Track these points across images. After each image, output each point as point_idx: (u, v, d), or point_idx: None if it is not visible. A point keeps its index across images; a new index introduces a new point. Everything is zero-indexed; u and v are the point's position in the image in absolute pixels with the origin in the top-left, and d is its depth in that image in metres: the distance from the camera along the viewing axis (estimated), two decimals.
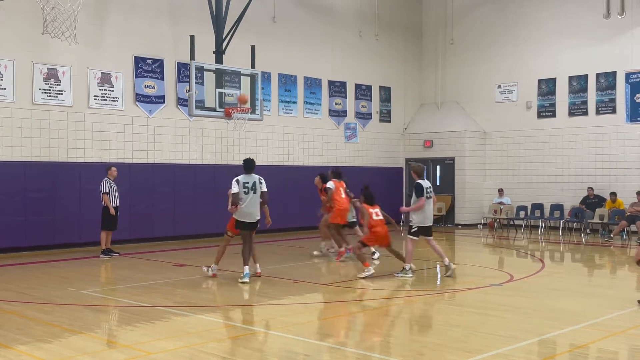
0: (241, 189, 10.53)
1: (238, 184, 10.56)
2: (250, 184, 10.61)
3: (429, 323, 8.11)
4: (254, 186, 10.63)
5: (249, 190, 10.58)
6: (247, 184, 10.59)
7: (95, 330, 7.57)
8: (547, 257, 14.85)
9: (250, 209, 10.63)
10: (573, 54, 20.07)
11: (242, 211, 10.58)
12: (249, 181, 10.61)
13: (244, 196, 10.55)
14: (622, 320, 7.98)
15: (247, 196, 10.56)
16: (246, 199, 10.56)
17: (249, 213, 10.64)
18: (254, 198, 10.63)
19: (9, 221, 14.12)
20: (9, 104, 14.30)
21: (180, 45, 16.42)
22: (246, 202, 10.56)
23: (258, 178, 10.71)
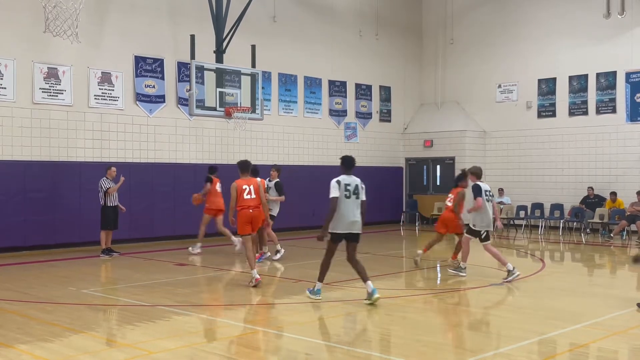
0: (342, 192, 8.86)
1: (339, 186, 8.84)
2: (352, 187, 8.91)
3: (430, 322, 8.11)
4: (356, 190, 8.93)
5: (350, 194, 8.87)
6: (349, 186, 8.88)
7: (96, 330, 7.57)
8: (547, 257, 14.85)
9: (350, 217, 8.86)
10: (573, 54, 20.07)
11: (338, 220, 8.84)
12: (350, 183, 8.90)
13: (343, 201, 8.81)
14: (622, 320, 7.98)
15: (348, 201, 8.83)
16: (345, 205, 8.82)
17: (349, 222, 8.86)
18: (355, 204, 8.91)
19: (9, 221, 14.12)
20: (9, 104, 14.30)
21: (181, 45, 16.43)
22: (344, 209, 8.82)
23: (360, 181, 9.08)
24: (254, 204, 10.40)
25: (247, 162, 10.68)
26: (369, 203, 9.14)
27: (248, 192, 10.37)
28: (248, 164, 10.67)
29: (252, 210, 10.38)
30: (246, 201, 10.34)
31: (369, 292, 8.72)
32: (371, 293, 8.69)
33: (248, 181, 10.50)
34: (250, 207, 10.36)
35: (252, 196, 10.39)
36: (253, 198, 10.39)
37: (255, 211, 10.43)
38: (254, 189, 10.44)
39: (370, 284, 8.76)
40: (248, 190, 10.39)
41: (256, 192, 10.44)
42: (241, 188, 10.36)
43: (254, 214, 10.41)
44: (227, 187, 11.08)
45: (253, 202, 10.39)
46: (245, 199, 10.35)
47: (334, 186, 8.80)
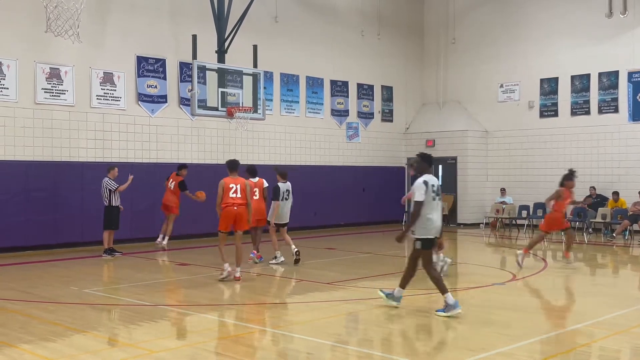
0: (429, 194, 8.02)
1: (427, 187, 8.02)
2: (437, 188, 8.14)
3: (432, 322, 8.10)
4: (439, 191, 8.22)
5: (436, 196, 8.07)
6: (434, 187, 8.06)
7: (97, 329, 7.57)
8: (549, 257, 14.83)
9: (438, 221, 8.11)
10: (575, 54, 20.05)
11: (426, 224, 8.02)
12: (435, 184, 8.10)
13: (429, 203, 7.99)
14: (624, 319, 7.98)
15: (434, 203, 8.04)
16: (432, 208, 8.01)
17: (438, 227, 8.13)
18: (440, 206, 8.23)
19: (11, 220, 14.14)
20: (11, 104, 14.32)
21: (183, 45, 16.43)
22: (433, 213, 8.02)
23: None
24: (239, 202, 10.66)
25: (236, 162, 10.94)
26: (370, 203, 9.15)
27: (234, 191, 10.67)
28: (236, 163, 10.92)
29: (237, 208, 10.65)
30: (231, 199, 10.64)
31: (450, 304, 7.88)
32: (453, 305, 7.86)
33: (235, 180, 10.77)
34: (234, 205, 10.64)
35: (238, 195, 10.68)
36: (238, 197, 10.67)
37: (239, 209, 10.68)
38: (241, 188, 10.72)
39: (449, 295, 7.95)
40: (234, 189, 10.68)
41: (242, 191, 10.73)
42: (228, 186, 10.66)
43: (238, 212, 10.66)
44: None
45: (239, 200, 10.66)
46: (231, 197, 10.65)
47: (421, 187, 7.95)
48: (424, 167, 8.22)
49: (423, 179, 8.04)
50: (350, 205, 20.58)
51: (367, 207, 21.07)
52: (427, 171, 8.18)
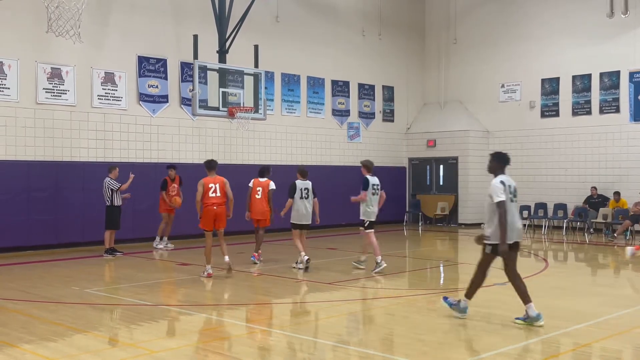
0: (507, 196, 7.52)
1: (504, 187, 7.54)
2: (513, 189, 7.68)
3: (433, 322, 8.10)
4: (516, 192, 7.73)
5: (513, 197, 7.64)
6: (511, 187, 7.64)
7: (98, 329, 7.58)
8: (550, 257, 14.83)
9: (517, 223, 7.68)
10: (576, 53, 20.03)
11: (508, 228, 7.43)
12: (511, 184, 7.66)
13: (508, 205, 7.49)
14: (625, 320, 7.97)
15: (512, 205, 7.59)
16: (511, 210, 7.55)
17: (518, 230, 7.70)
18: (517, 208, 7.81)
19: (13, 220, 14.15)
20: (12, 104, 14.33)
21: (184, 45, 16.43)
22: (512, 214, 7.55)
23: None
24: (218, 201, 11.02)
25: (214, 161, 11.36)
26: None
27: (214, 190, 11.02)
28: (214, 162, 11.33)
29: (217, 207, 11.02)
30: (211, 199, 11.00)
31: (532, 315, 7.47)
32: (536, 317, 7.44)
33: (214, 179, 11.12)
34: (214, 204, 11.01)
35: (217, 194, 11.03)
36: (218, 196, 11.02)
37: (219, 208, 11.06)
38: (220, 187, 11.07)
39: (532, 306, 7.53)
40: (214, 189, 11.03)
41: (221, 190, 11.07)
42: (207, 186, 11.01)
43: (218, 211, 11.03)
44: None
45: (217, 200, 11.02)
46: (211, 196, 11.00)
47: (499, 188, 7.47)
48: (496, 167, 7.73)
49: (499, 178, 7.58)
50: (351, 206, 20.47)
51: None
52: (501, 171, 7.68)
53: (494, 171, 7.74)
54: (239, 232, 15.98)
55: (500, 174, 7.67)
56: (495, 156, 7.81)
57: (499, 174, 7.66)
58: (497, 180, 7.55)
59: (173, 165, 15.47)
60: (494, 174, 7.71)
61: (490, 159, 7.83)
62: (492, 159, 7.82)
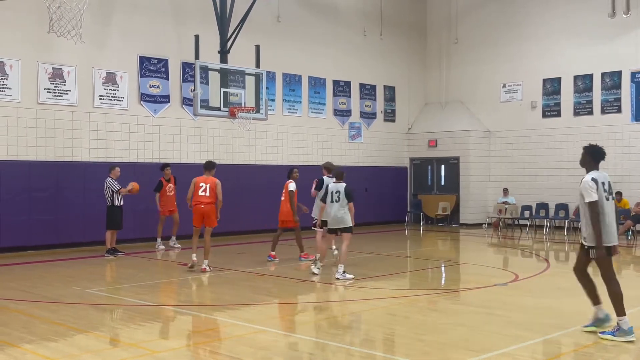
0: (601, 194, 6.92)
1: (597, 185, 6.91)
2: (607, 186, 7.04)
3: (434, 322, 8.09)
4: (611, 189, 7.11)
5: (608, 195, 7.00)
6: (605, 185, 7.00)
7: (100, 329, 7.58)
8: (552, 257, 14.82)
9: (614, 224, 7.07)
10: (578, 53, 20.01)
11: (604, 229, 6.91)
12: (605, 181, 7.02)
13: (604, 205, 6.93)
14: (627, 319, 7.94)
15: (608, 204, 6.98)
16: (607, 209, 6.97)
17: (615, 231, 7.09)
18: (613, 207, 7.11)
19: (14, 220, 14.16)
20: (14, 104, 14.34)
21: (185, 45, 16.43)
22: (609, 215, 6.97)
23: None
24: (206, 201, 11.49)
25: (210, 163, 11.93)
26: (373, 203, 9.10)
27: (204, 190, 11.51)
28: (210, 164, 11.89)
29: (204, 206, 11.49)
30: (200, 197, 11.52)
31: (601, 317, 7.20)
32: (603, 319, 7.18)
33: (206, 179, 11.60)
34: (202, 203, 11.50)
35: (207, 194, 11.50)
36: (207, 196, 11.49)
37: (206, 207, 11.50)
38: (210, 187, 11.51)
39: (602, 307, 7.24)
40: (204, 188, 11.52)
41: (211, 190, 11.51)
42: (198, 185, 11.58)
43: (204, 210, 11.49)
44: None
45: (206, 199, 11.49)
46: (200, 195, 11.52)
47: (591, 186, 6.85)
48: (589, 162, 7.09)
49: (591, 175, 6.94)
50: None
51: (370, 207, 21.03)
52: (594, 167, 7.05)
53: (587, 166, 7.08)
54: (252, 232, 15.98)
55: (593, 169, 7.03)
56: (588, 150, 7.10)
57: (592, 170, 7.03)
58: (589, 178, 6.89)
59: (167, 164, 15.40)
60: (587, 169, 7.08)
61: (583, 153, 7.14)
62: (586, 152, 7.12)
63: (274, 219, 18.66)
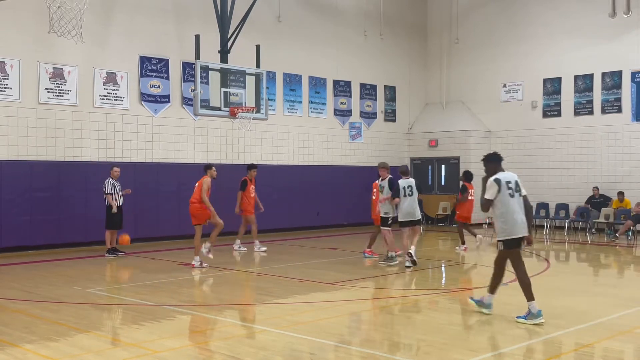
0: (504, 192, 7.76)
1: (498, 185, 7.73)
2: (512, 182, 7.86)
3: (434, 322, 8.10)
4: (518, 186, 7.94)
5: (514, 191, 7.82)
6: (510, 183, 7.82)
7: (100, 329, 7.59)
8: (552, 257, 14.82)
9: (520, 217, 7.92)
10: (578, 53, 20.02)
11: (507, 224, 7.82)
12: (510, 180, 7.85)
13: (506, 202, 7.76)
14: (627, 320, 7.96)
15: (513, 200, 7.77)
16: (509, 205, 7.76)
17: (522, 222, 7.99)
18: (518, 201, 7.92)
19: (15, 220, 14.18)
20: (14, 104, 14.35)
21: (186, 45, 16.45)
22: (511, 209, 7.79)
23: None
24: (192, 199, 12.27)
25: (206, 164, 12.74)
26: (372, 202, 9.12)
27: (194, 188, 12.34)
28: (206, 165, 12.73)
29: (191, 205, 12.28)
30: (192, 197, 12.34)
31: (486, 303, 8.07)
32: (488, 305, 8.06)
33: (200, 180, 12.28)
34: (191, 202, 12.30)
35: (194, 193, 12.25)
36: (193, 194, 12.25)
37: (192, 206, 12.24)
38: (197, 187, 12.23)
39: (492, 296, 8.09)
40: (194, 188, 12.35)
41: (197, 189, 12.21)
42: (195, 184, 12.37)
43: (190, 208, 12.28)
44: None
45: (192, 198, 12.27)
46: (193, 194, 12.30)
47: (491, 185, 7.77)
48: (492, 168, 7.95)
49: (495, 177, 7.76)
50: (353, 206, 20.56)
51: (370, 207, 21.04)
52: (498, 170, 7.89)
53: (491, 172, 7.90)
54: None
55: (498, 171, 7.85)
56: (487, 158, 8.04)
57: (496, 173, 7.83)
58: (492, 178, 7.74)
59: (254, 165, 15.15)
60: (491, 174, 7.87)
61: (484, 163, 8.06)
62: (486, 161, 8.05)
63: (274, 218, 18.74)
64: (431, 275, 12.11)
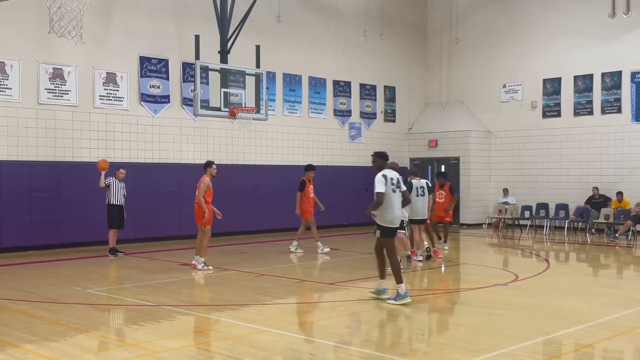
0: (389, 187, 8.82)
1: (385, 180, 8.80)
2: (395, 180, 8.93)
3: (435, 322, 8.10)
4: (399, 183, 8.99)
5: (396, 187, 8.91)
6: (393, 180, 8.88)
7: (101, 329, 7.59)
8: (552, 257, 14.82)
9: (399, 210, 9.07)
10: (578, 53, 20.03)
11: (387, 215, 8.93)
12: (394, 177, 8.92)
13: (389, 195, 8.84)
14: (627, 320, 7.97)
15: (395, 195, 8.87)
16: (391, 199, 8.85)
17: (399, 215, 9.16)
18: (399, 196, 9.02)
19: (15, 220, 14.18)
20: (14, 104, 14.35)
21: (185, 45, 16.45)
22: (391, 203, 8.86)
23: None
24: (194, 200, 12.05)
25: (206, 163, 12.44)
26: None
27: (196, 189, 12.06)
28: (205, 163, 12.44)
29: (194, 206, 12.10)
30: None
31: (381, 289, 9.07)
32: (382, 291, 9.04)
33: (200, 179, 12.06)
34: (195, 203, 12.09)
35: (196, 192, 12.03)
36: (196, 195, 12.01)
37: (195, 207, 12.06)
38: (198, 187, 12.00)
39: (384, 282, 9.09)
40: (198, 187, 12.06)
41: (198, 189, 11.98)
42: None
43: (195, 209, 12.09)
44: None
45: (196, 199, 12.02)
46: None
47: (380, 180, 8.68)
48: (380, 164, 8.93)
49: (382, 173, 8.72)
50: (352, 206, 20.56)
51: None
52: (384, 167, 8.89)
53: (378, 168, 8.86)
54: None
55: (384, 168, 8.85)
56: (377, 155, 9.03)
57: (383, 169, 8.81)
58: (380, 174, 8.70)
59: (312, 166, 15.06)
60: (379, 170, 8.81)
61: (374, 159, 9.06)
62: (375, 157, 9.04)
63: (274, 218, 18.75)
64: (431, 276, 12.10)
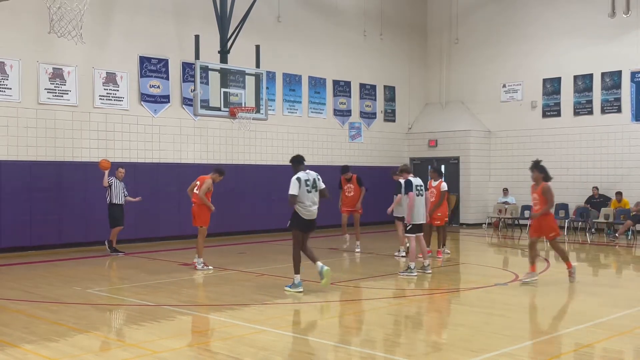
0: (303, 188, 9.85)
1: (299, 183, 9.83)
2: (310, 180, 9.96)
3: (434, 322, 8.11)
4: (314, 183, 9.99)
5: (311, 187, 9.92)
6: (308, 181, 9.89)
7: (100, 329, 7.59)
8: (552, 257, 14.81)
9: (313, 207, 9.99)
10: (578, 53, 20.03)
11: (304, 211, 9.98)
12: (309, 178, 9.94)
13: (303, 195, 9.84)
14: (627, 320, 7.97)
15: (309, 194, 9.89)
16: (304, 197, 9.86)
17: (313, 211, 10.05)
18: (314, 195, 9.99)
19: (15, 220, 14.18)
20: (14, 104, 14.35)
21: (185, 45, 16.45)
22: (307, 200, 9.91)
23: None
24: (194, 199, 11.93)
25: (217, 168, 12.40)
26: (372, 203, 9.26)
27: (197, 188, 11.92)
28: (217, 168, 12.41)
29: (193, 205, 12.00)
30: (194, 196, 11.96)
31: (296, 283, 9.73)
32: (297, 284, 9.71)
33: (202, 178, 11.99)
34: (193, 202, 12.00)
35: (196, 191, 11.92)
36: (195, 194, 11.90)
37: (194, 206, 11.97)
38: (199, 186, 11.90)
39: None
40: (197, 186, 11.93)
41: (199, 189, 11.86)
42: (195, 183, 12.02)
43: (193, 208, 12.01)
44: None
45: (194, 198, 11.91)
46: (194, 193, 11.92)
47: (294, 183, 9.66)
48: (296, 168, 9.87)
49: (296, 175, 9.67)
50: None
51: (370, 208, 21.03)
52: (300, 169, 9.81)
53: (294, 170, 9.84)
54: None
55: (300, 171, 9.76)
56: (294, 159, 10.02)
57: (298, 172, 9.74)
58: (295, 177, 9.65)
59: (347, 166, 15.16)
60: (295, 172, 9.76)
61: (292, 163, 10.03)
62: (292, 161, 10.02)
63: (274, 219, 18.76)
64: (431, 275, 12.10)
